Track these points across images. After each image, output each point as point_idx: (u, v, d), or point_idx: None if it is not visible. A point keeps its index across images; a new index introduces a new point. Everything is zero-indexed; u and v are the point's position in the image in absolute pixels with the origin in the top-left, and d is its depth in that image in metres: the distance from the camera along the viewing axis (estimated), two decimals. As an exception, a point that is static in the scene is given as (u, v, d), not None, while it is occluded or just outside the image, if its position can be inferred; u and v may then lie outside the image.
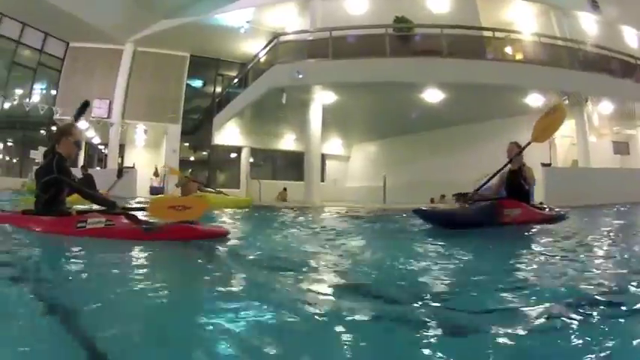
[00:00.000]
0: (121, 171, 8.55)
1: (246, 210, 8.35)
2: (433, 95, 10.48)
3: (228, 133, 15.89)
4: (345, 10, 12.42)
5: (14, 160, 17.37)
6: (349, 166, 18.25)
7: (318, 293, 1.70)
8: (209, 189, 10.00)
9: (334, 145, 17.25)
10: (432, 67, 10.11)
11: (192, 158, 17.10)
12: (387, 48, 10.53)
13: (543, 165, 9.62)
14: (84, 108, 6.86)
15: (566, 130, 10.97)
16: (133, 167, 12.95)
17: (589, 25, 13.36)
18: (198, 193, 8.50)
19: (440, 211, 4.77)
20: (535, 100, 10.60)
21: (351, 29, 11.39)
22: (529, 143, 4.59)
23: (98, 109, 15.52)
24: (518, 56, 11.24)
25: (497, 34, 11.28)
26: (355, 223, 5.76)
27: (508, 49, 11.35)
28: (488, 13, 12.08)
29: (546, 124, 4.61)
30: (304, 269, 2.20)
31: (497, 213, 4.33)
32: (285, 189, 15.29)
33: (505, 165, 4.63)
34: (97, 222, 3.00)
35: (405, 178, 13.78)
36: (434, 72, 10.03)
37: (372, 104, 12.09)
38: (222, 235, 3.18)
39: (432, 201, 11.31)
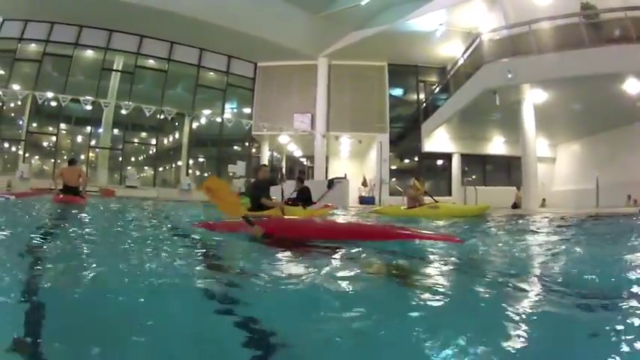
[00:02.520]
0: (331, 182, 9.10)
1: (483, 218, 7.52)
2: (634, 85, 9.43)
3: (438, 140, 15.84)
4: (532, 1, 11.48)
5: (205, 175, 18.96)
6: (555, 168, 16.62)
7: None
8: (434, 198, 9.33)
9: (539, 146, 15.13)
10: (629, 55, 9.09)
11: (394, 167, 17.20)
12: (586, 37, 9.63)
13: None
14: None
15: None
16: (344, 178, 13.05)
17: None
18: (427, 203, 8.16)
19: None
20: None
21: (549, 20, 10.36)
22: None
23: (301, 123, 16.54)
24: None
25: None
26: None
27: None
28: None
29: None
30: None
31: None
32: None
33: None
34: None
35: (617, 179, 12.03)
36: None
37: (577, 99, 11.08)
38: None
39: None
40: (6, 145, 18.01)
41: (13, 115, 18.01)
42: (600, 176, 11.60)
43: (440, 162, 17.27)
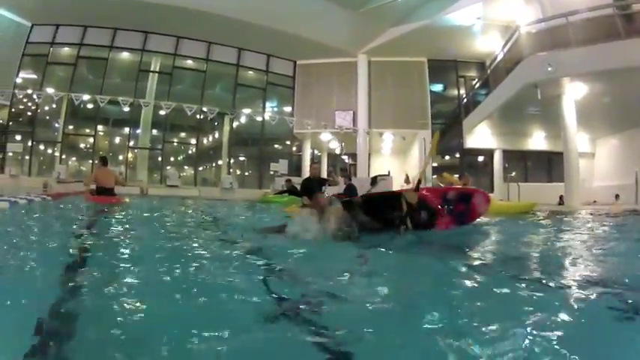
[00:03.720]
0: (375, 179, 9.27)
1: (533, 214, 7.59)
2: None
3: (479, 136, 15.67)
4: (567, -8, 11.14)
5: (246, 173, 19.02)
6: (594, 163, 16.37)
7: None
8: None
9: (579, 141, 14.80)
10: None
11: (435, 164, 16.99)
12: (622, 28, 9.51)
13: None
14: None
15: None
16: (388, 175, 13.02)
17: None
18: None
19: None
20: None
21: (585, 12, 10.24)
22: None
23: (343, 120, 16.54)
24: None
25: None
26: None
27: None
28: None
29: None
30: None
31: None
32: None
33: None
34: None
35: None
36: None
37: (617, 91, 10.92)
38: None
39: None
40: (41, 147, 18.02)
41: (48, 117, 18.09)
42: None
43: (481, 158, 17.15)
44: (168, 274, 1.87)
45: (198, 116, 16.83)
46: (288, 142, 18.27)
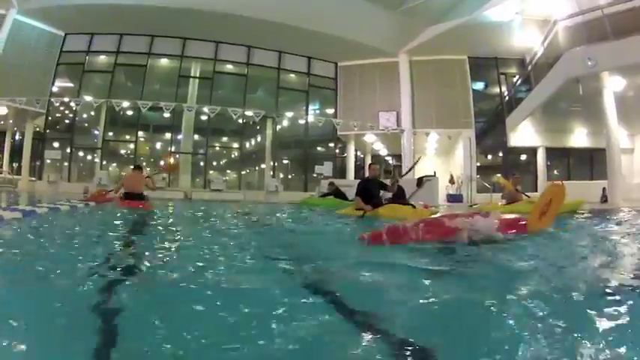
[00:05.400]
0: (421, 180, 8.68)
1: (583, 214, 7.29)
2: None
3: (522, 134, 15.59)
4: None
5: (290, 177, 19.07)
6: (634, 159, 16.01)
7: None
8: (526, 194, 9.03)
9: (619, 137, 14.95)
10: None
11: (478, 163, 16.68)
12: None
13: None
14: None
15: None
16: (434, 176, 12.82)
17: None
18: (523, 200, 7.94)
19: None
20: None
21: (620, 3, 10.01)
22: None
23: (387, 121, 16.54)
24: None
25: None
26: None
27: None
28: None
29: None
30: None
31: None
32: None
33: None
34: None
35: None
36: None
37: None
38: None
39: None
40: (80, 153, 18.03)
41: (87, 125, 18.14)
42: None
43: (524, 157, 17.03)
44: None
45: (240, 120, 16.95)
46: (331, 145, 18.29)
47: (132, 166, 8.93)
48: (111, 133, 17.86)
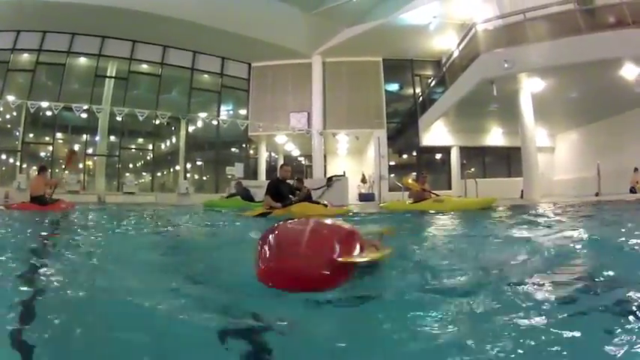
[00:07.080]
0: (330, 179, 9.21)
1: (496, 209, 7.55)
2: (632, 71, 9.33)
3: (436, 134, 15.80)
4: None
5: (204, 178, 18.84)
6: (555, 157, 16.69)
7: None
8: (434, 192, 9.07)
9: (538, 136, 15.01)
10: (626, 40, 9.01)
11: (392, 162, 16.91)
12: (581, 24, 9.62)
13: None
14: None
15: None
16: (343, 175, 13.00)
17: None
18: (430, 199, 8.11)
19: None
20: None
21: (543, 8, 10.24)
22: None
23: (297, 122, 16.41)
24: None
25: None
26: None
27: None
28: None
29: None
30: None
31: None
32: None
33: None
34: None
35: (618, 166, 12.06)
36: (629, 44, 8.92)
37: (575, 86, 11.07)
38: None
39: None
40: (3, 156, 17.91)
41: (9, 126, 17.94)
42: (601, 164, 11.51)
43: (438, 156, 17.18)
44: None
45: (154, 121, 16.59)
46: (244, 146, 18.07)
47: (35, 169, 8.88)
48: (31, 135, 17.65)
